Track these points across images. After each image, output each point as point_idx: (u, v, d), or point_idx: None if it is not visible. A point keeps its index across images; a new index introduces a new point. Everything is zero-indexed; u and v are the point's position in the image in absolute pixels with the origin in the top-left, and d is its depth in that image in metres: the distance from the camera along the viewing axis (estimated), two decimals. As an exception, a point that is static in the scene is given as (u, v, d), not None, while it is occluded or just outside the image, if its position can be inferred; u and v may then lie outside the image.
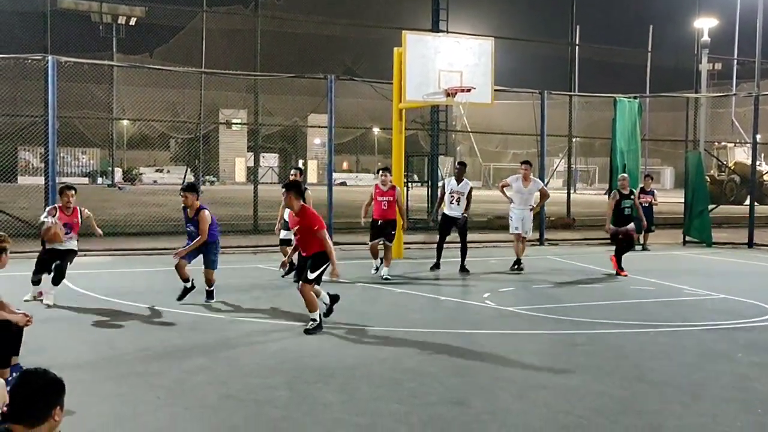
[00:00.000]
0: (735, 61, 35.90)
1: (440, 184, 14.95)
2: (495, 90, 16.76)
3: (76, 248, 10.64)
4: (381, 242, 13.24)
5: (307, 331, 8.71)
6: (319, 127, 41.45)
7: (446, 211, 14.36)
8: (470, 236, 15.00)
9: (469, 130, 51.13)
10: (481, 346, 8.35)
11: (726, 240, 20.38)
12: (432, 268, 14.28)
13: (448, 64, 15.66)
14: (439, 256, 14.37)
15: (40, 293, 10.32)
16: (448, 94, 15.60)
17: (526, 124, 39.62)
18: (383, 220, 13.23)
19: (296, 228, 9.20)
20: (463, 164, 14.99)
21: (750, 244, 19.80)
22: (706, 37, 24.64)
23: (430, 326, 9.39)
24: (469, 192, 14.42)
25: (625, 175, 15.11)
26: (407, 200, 20.04)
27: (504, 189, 15.07)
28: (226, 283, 11.64)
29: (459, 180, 14.39)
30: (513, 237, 14.94)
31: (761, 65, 26.94)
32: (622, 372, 7.42)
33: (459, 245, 14.31)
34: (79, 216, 10.49)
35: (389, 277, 12.92)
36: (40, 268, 10.36)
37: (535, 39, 31.65)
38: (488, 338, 8.84)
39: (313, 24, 34.85)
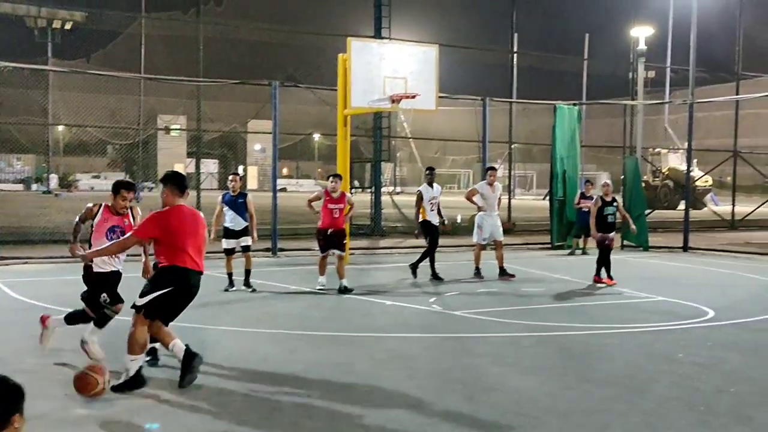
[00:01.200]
0: (668, 69, 36.80)
1: (416, 192, 14.75)
2: (439, 97, 16.93)
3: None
4: (331, 254, 12.56)
5: (114, 388, 6.57)
6: (259, 133, 41.25)
7: (429, 219, 14.21)
8: (414, 242, 15.08)
9: (411, 136, 51.42)
10: (429, 350, 8.45)
11: (662, 244, 20.91)
12: (433, 279, 13.88)
13: (392, 71, 15.77)
14: (433, 266, 14.01)
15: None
16: (393, 101, 15.69)
17: (465, 130, 40.00)
18: (333, 230, 12.49)
19: None
20: (432, 169, 14.95)
21: (685, 247, 20.34)
22: (642, 46, 25.26)
23: (379, 331, 9.46)
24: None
25: (608, 181, 14.82)
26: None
27: (473, 197, 14.93)
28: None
29: (431, 185, 14.48)
30: (476, 246, 14.61)
31: (695, 73, 27.70)
32: (570, 373, 7.59)
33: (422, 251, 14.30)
34: (132, 219, 7.91)
35: (349, 287, 12.39)
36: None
37: (476, 46, 32.08)
38: (436, 342, 8.94)
39: (255, 30, 34.72)
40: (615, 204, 14.16)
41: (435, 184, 14.52)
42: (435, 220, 14.27)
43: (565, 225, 20.51)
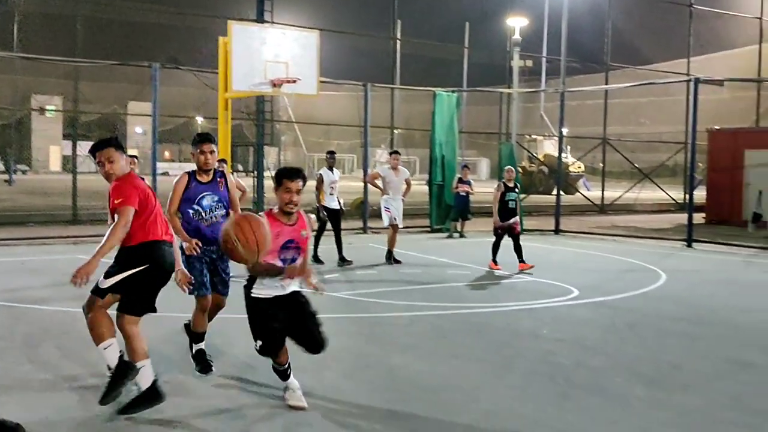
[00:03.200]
0: (544, 60, 38.07)
1: (316, 175, 14.77)
2: (321, 81, 17.08)
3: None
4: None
5: (123, 409, 5.66)
6: (140, 115, 40.30)
7: (328, 204, 14.29)
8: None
9: (295, 120, 51.31)
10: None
11: (535, 227, 21.78)
12: (341, 262, 14.06)
13: (274, 55, 15.81)
14: (316, 249, 14.13)
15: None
16: (274, 85, 15.75)
17: (349, 115, 40.27)
18: None
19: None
20: (333, 152, 15.00)
21: (557, 230, 21.26)
22: (517, 36, 26.10)
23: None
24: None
25: (510, 167, 14.93)
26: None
27: (375, 180, 15.15)
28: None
29: (332, 169, 14.58)
30: (389, 229, 14.65)
31: (567, 63, 28.82)
32: (441, 350, 7.97)
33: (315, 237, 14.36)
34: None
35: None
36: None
37: (359, 32, 32.27)
38: (316, 323, 9.16)
39: (136, 11, 33.87)
40: (517, 190, 14.31)
41: (335, 169, 14.69)
42: (333, 204, 14.44)
43: (443, 209, 21.10)
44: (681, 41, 33.49)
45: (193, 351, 6.97)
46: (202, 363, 6.83)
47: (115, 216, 5.62)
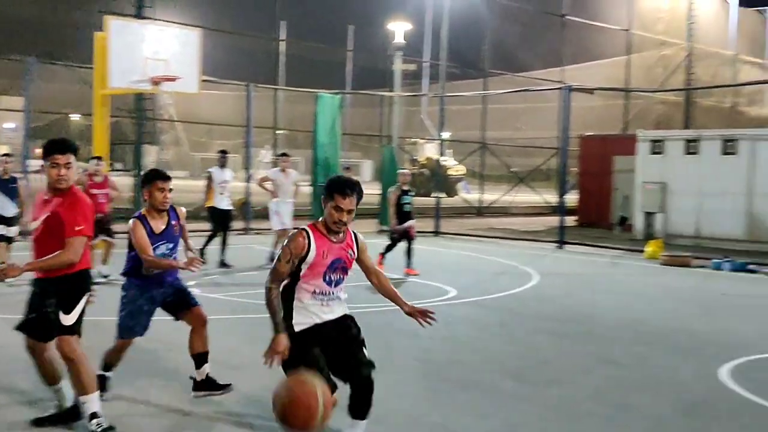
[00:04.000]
0: (425, 64, 38.74)
1: (206, 174, 14.51)
2: (203, 80, 16.94)
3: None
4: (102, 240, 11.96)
5: (38, 422, 5.52)
6: (10, 110, 38.68)
7: (217, 204, 14.03)
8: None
9: (176, 119, 50.37)
10: (182, 331, 8.60)
11: (416, 229, 22.12)
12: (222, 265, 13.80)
13: (153, 52, 15.58)
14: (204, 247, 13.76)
15: None
16: (153, 83, 15.53)
17: (233, 115, 39.87)
18: (101, 215, 11.62)
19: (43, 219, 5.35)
20: (225, 152, 14.77)
21: (436, 232, 21.73)
22: (399, 40, 26.51)
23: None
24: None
25: (405, 170, 14.89)
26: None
27: (264, 183, 14.88)
28: None
29: (223, 168, 14.32)
30: (278, 233, 14.46)
31: (447, 69, 29.47)
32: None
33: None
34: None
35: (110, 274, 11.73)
36: None
37: (242, 32, 32.02)
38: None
39: (8, 3, 32.55)
40: (411, 193, 14.19)
41: (227, 168, 14.48)
42: (223, 204, 14.22)
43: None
44: (556, 50, 34.78)
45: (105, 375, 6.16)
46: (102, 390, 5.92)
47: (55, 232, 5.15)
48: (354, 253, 5.14)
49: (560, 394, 6.84)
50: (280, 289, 5.04)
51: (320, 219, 5.02)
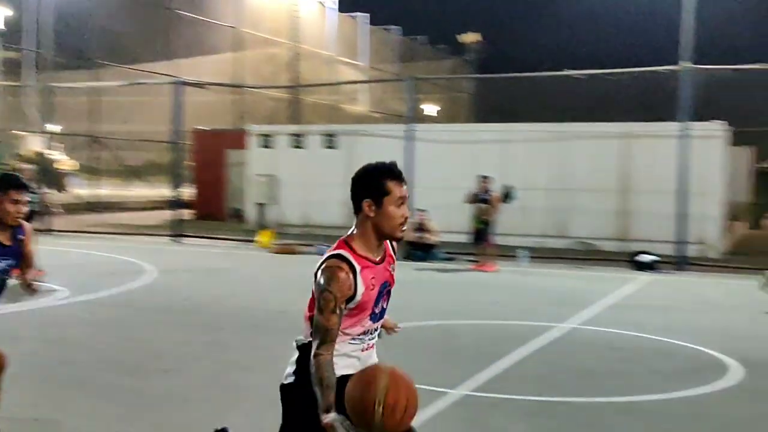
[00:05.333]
0: (29, 53, 36.41)
1: None
2: None
3: None
4: None
5: None
6: None
7: None
8: None
9: None
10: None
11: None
12: None
13: None
14: None
15: None
16: None
17: None
18: None
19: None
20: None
21: (49, 230, 20.75)
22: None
23: None
24: None
25: (29, 167, 14.36)
26: None
27: None
28: None
29: None
30: None
31: (53, 58, 28.14)
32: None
33: None
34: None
35: None
36: None
37: None
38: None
39: None
40: (36, 191, 13.90)
41: None
42: None
43: None
44: (168, 44, 34.70)
45: None
46: None
47: None
48: (394, 267, 3.63)
49: (174, 382, 7.16)
50: (332, 352, 3.35)
51: (353, 231, 3.55)
